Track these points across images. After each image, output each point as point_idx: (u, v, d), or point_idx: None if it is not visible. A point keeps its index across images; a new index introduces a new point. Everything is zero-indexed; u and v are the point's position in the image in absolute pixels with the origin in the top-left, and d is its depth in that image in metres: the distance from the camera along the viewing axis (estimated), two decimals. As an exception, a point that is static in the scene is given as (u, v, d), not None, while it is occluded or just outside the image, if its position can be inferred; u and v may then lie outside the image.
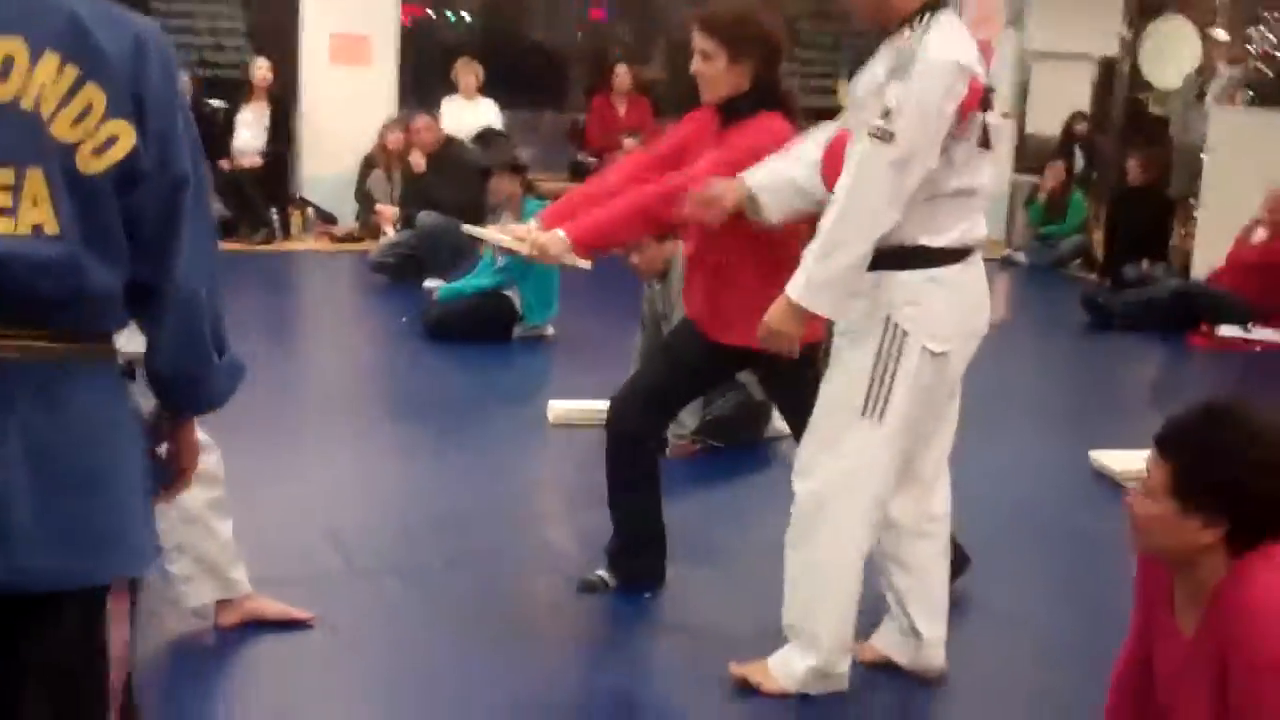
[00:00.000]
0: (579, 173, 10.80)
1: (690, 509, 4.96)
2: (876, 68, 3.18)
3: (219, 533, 3.67)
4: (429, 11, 12.71)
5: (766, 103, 3.82)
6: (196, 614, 3.72)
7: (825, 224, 3.16)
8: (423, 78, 11.71)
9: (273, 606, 3.83)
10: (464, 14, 13.01)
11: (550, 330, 7.67)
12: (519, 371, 7.21)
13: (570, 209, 3.87)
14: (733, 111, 3.82)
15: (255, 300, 8.41)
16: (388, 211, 10.14)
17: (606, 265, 5.29)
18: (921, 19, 3.14)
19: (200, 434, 3.54)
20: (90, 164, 1.90)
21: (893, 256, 3.20)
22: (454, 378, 6.94)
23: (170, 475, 2.24)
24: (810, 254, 3.18)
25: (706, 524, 4.83)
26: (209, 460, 3.61)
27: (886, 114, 3.06)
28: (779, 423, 5.54)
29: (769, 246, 3.78)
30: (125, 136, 1.91)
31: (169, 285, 2.01)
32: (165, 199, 1.97)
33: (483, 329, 7.47)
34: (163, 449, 2.20)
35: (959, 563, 3.93)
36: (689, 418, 5.56)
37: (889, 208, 3.12)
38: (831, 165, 3.31)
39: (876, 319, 3.26)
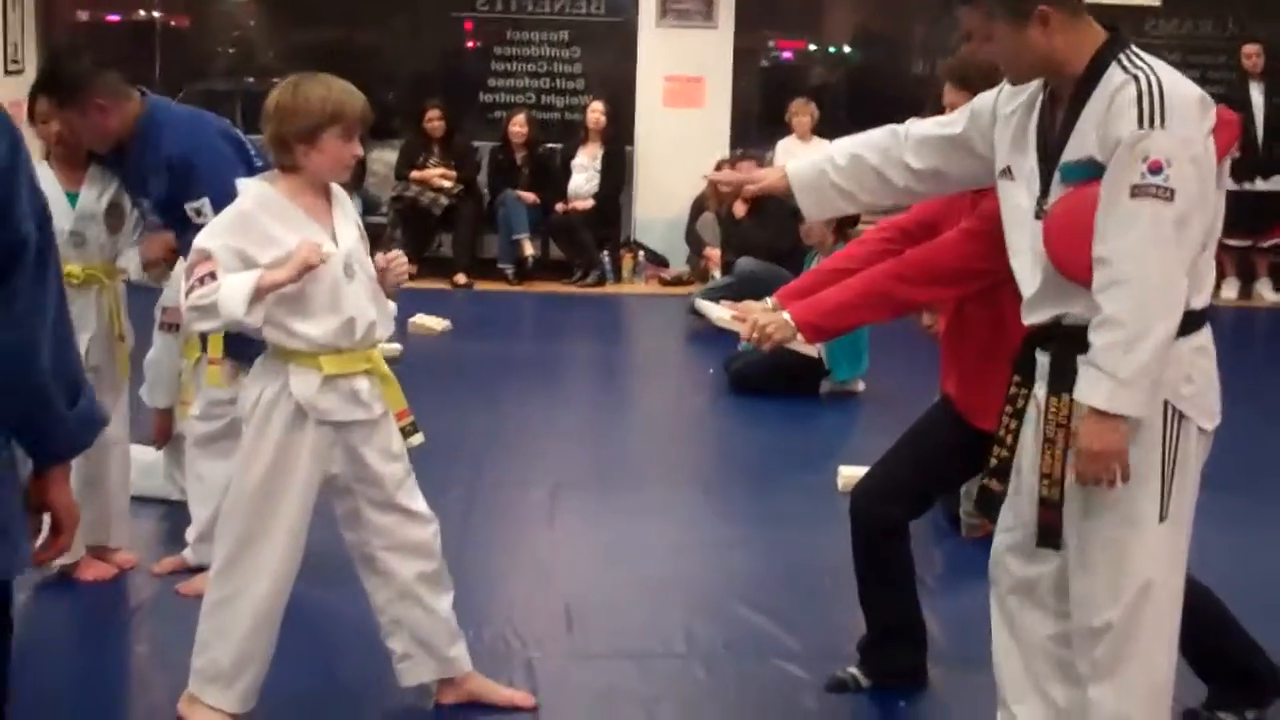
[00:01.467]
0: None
1: (975, 604, 4.53)
2: (1113, 123, 2.72)
3: (435, 609, 3.55)
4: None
5: None
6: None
7: (1114, 310, 2.69)
8: (763, 117, 11.53)
9: (495, 690, 3.69)
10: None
11: (861, 386, 7.31)
12: (819, 430, 6.88)
13: (811, 284, 3.54)
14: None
15: (578, 346, 8.63)
16: (715, 255, 10.02)
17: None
18: (1125, 57, 2.75)
19: (419, 504, 3.47)
20: None
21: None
22: (749, 434, 6.70)
23: (48, 537, 2.27)
24: (1105, 352, 2.70)
25: (983, 622, 4.37)
26: (425, 532, 3.50)
27: (1153, 168, 2.64)
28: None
29: None
30: None
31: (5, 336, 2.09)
32: (5, 259, 2.06)
33: (788, 383, 7.17)
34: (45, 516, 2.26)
35: None
36: (986, 495, 5.09)
37: (1181, 274, 2.70)
38: (1068, 241, 2.81)
39: (1153, 406, 2.78)
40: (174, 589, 4.39)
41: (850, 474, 5.55)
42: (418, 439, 3.51)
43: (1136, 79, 2.70)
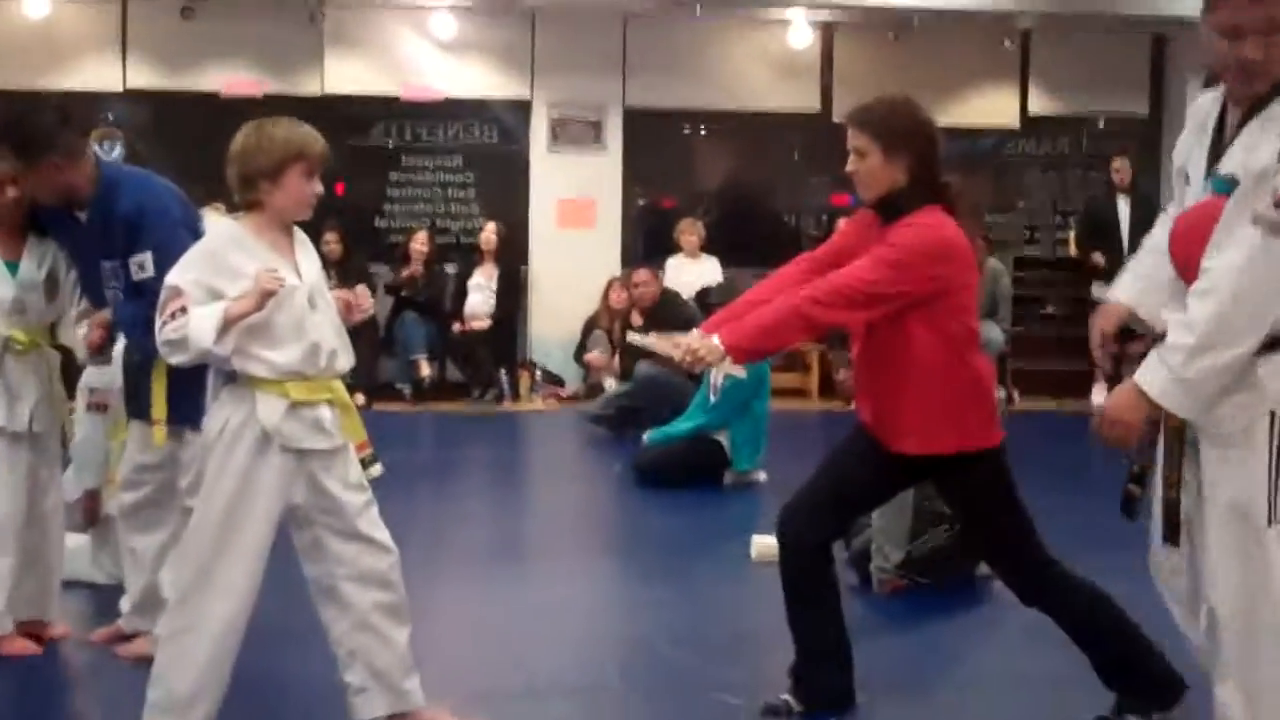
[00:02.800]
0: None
1: (891, 644, 4.77)
2: (1263, 147, 2.87)
3: (392, 640, 3.65)
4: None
5: (925, 197, 3.71)
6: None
7: (1198, 314, 2.83)
8: (649, 238, 11.89)
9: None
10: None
11: (762, 476, 7.55)
12: (727, 512, 7.10)
13: (734, 314, 3.80)
14: (892, 209, 3.73)
15: (482, 454, 8.79)
16: (599, 359, 10.24)
17: (822, 411, 5.27)
18: None
19: (380, 534, 3.60)
20: None
21: (1274, 342, 2.87)
22: (661, 518, 6.90)
23: None
24: (1176, 348, 2.86)
25: (907, 658, 4.62)
26: (385, 562, 3.62)
27: (1278, 203, 2.78)
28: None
29: (945, 345, 3.65)
30: None
31: None
32: None
33: (693, 474, 7.41)
34: None
35: None
36: (894, 552, 5.35)
37: (1271, 305, 2.82)
38: (1186, 245, 2.99)
39: (1258, 415, 2.89)
40: (114, 652, 4.42)
41: (763, 542, 5.76)
42: (377, 469, 3.67)
43: None
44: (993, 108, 12.12)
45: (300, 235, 3.63)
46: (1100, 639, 3.84)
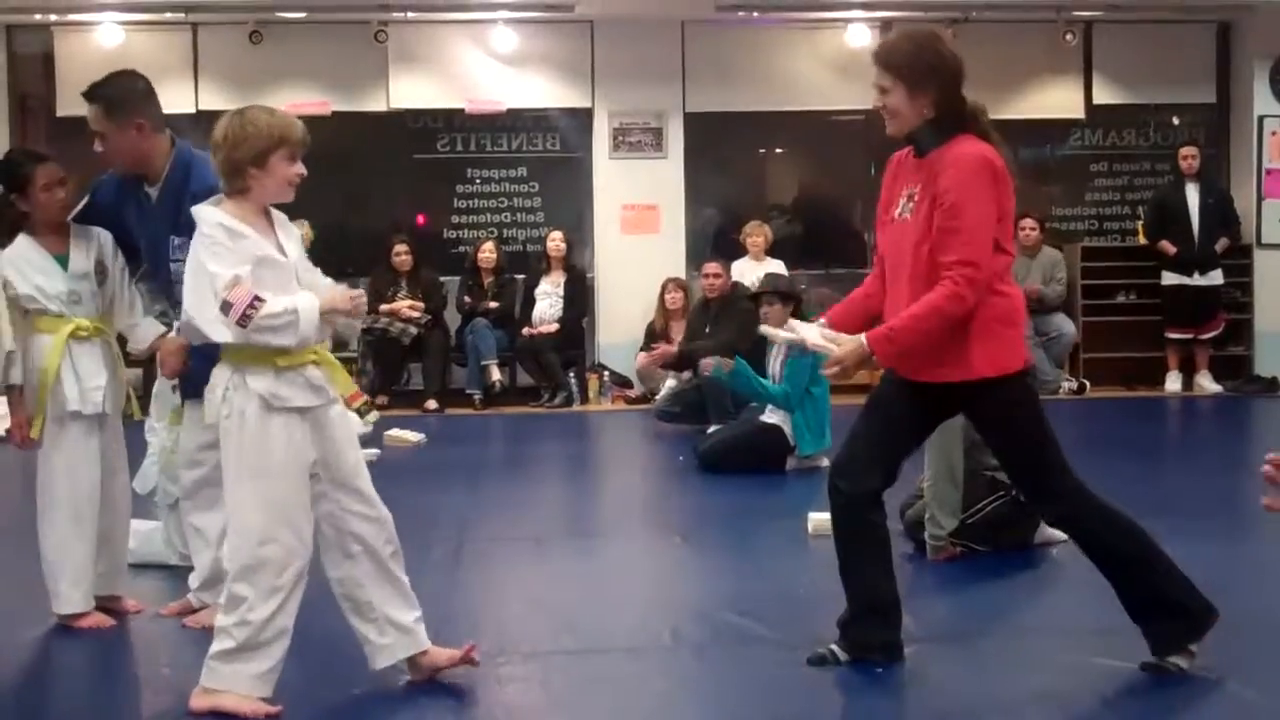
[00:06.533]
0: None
1: (941, 602, 4.81)
2: None
3: (394, 576, 3.81)
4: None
5: (956, 127, 3.77)
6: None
7: None
8: (713, 242, 11.97)
9: (446, 654, 3.91)
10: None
11: (825, 462, 7.56)
12: (787, 493, 7.15)
13: (855, 307, 4.01)
14: (925, 141, 3.80)
15: (551, 448, 9.00)
16: (664, 348, 10.31)
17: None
18: None
19: (374, 493, 3.73)
20: None
21: None
22: (722, 498, 6.97)
23: None
24: None
25: (955, 614, 4.66)
26: (381, 512, 3.79)
27: None
28: (1050, 530, 5.30)
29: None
30: None
31: None
32: None
33: (757, 460, 7.46)
34: None
35: None
36: (948, 520, 5.37)
37: None
38: None
39: None
40: (183, 624, 4.58)
41: (820, 519, 5.79)
42: (374, 415, 3.83)
43: None
44: (1056, 100, 12.07)
45: (280, 215, 3.79)
46: (1129, 565, 3.86)
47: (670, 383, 10.13)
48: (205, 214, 3.63)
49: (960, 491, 5.39)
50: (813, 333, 3.96)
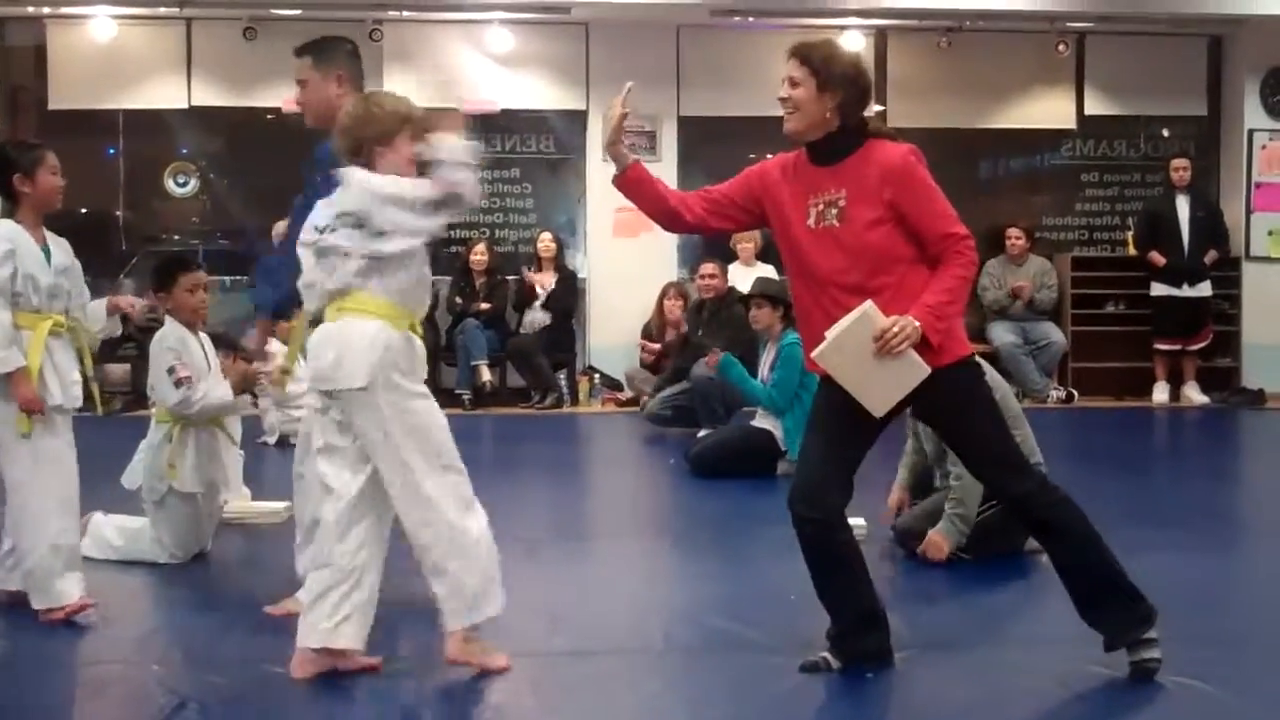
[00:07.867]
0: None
1: (931, 610, 4.84)
2: None
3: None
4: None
5: (861, 136, 3.84)
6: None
7: None
8: (705, 246, 11.97)
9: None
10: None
11: (815, 466, 7.57)
12: (777, 497, 7.05)
13: (661, 190, 4.31)
14: (835, 148, 3.83)
15: (541, 450, 9.00)
16: (651, 345, 10.39)
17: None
18: None
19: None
20: None
21: None
22: (712, 502, 6.96)
23: None
24: None
25: (946, 622, 4.65)
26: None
27: None
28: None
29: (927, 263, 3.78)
30: None
31: None
32: None
33: (747, 464, 7.46)
34: None
35: None
36: (973, 514, 5.34)
37: None
38: None
39: None
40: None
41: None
42: None
43: None
44: (1048, 110, 12.13)
45: None
46: (1087, 547, 3.87)
47: (665, 391, 10.12)
48: (361, 174, 3.81)
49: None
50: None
